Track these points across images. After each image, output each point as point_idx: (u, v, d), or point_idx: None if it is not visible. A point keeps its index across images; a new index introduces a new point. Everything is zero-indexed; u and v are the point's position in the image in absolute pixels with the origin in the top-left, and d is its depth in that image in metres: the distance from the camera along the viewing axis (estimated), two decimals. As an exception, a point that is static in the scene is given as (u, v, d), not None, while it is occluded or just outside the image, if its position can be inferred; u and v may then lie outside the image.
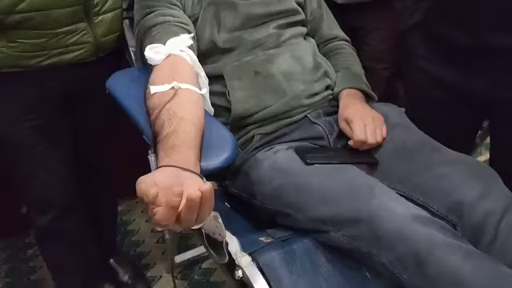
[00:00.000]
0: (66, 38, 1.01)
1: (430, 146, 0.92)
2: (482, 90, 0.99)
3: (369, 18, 1.31)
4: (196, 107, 0.82)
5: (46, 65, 1.01)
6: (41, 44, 0.99)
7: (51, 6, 0.96)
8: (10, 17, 0.93)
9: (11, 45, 0.97)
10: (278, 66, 1.00)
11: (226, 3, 1.03)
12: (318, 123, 0.99)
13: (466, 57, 0.97)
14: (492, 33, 0.92)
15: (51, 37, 0.99)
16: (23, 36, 0.97)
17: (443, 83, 1.04)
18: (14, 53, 0.98)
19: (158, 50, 0.89)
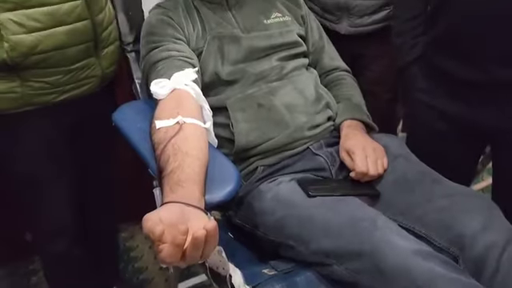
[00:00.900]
0: (79, 74, 1.05)
1: (430, 177, 0.94)
2: (486, 122, 1.01)
3: (370, 46, 1.34)
4: (200, 141, 0.84)
5: (60, 100, 1.04)
6: (56, 81, 1.02)
7: (68, 43, 1.00)
8: (28, 58, 0.96)
9: (26, 84, 0.99)
10: (280, 98, 1.02)
11: (230, 37, 1.06)
12: (320, 155, 1.00)
13: (469, 89, 0.99)
14: (494, 66, 0.94)
15: (65, 73, 1.03)
16: (39, 75, 1.00)
17: (445, 116, 1.06)
18: (30, 91, 1.00)
19: (162, 84, 0.92)
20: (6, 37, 0.92)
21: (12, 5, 0.92)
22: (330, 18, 1.27)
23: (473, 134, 1.06)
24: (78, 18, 1.00)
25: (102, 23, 1.07)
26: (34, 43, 0.95)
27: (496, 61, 0.93)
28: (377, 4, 1.26)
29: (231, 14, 1.10)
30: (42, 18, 0.95)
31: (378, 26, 1.29)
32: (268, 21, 1.12)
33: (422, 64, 1.09)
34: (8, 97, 0.99)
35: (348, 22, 1.29)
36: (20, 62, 0.96)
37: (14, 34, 0.93)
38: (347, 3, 1.26)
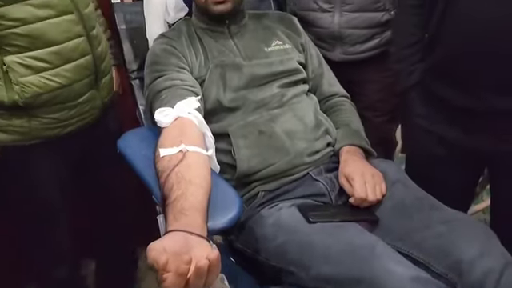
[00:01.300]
0: (83, 107, 1.08)
1: (428, 203, 0.95)
2: (483, 147, 1.03)
3: (362, 72, 1.38)
4: (203, 169, 0.86)
5: (65, 133, 1.07)
6: (62, 116, 1.05)
7: (74, 80, 1.04)
8: (38, 98, 1.00)
9: (35, 120, 1.03)
10: (281, 125, 1.05)
11: (232, 65, 1.10)
12: (320, 180, 1.02)
13: (466, 116, 1.02)
14: (490, 95, 0.96)
15: (71, 108, 1.06)
16: (47, 112, 1.03)
17: (444, 141, 1.08)
18: (38, 126, 1.03)
19: (166, 113, 0.95)
20: (15, 79, 0.96)
21: (18, 48, 0.95)
22: (323, 45, 1.31)
23: (471, 158, 1.08)
24: (82, 53, 1.04)
25: (100, 56, 1.10)
26: (42, 83, 0.99)
27: (491, 89, 0.96)
28: (368, 33, 1.31)
29: (233, 42, 1.14)
30: (48, 58, 0.99)
31: (369, 54, 1.34)
32: (269, 48, 1.16)
33: (420, 90, 1.12)
34: (17, 131, 1.02)
35: (341, 49, 1.34)
36: (31, 103, 0.99)
37: (22, 77, 0.96)
38: (340, 32, 1.31)
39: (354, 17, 1.29)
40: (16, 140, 1.03)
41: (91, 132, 1.12)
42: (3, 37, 0.94)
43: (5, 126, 1.02)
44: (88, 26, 1.05)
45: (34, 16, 0.95)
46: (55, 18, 0.98)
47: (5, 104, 0.98)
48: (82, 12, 1.03)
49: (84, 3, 1.05)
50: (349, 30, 1.31)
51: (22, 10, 0.94)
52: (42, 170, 1.08)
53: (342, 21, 1.30)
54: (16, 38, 0.95)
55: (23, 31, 0.95)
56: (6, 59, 0.96)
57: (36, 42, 0.97)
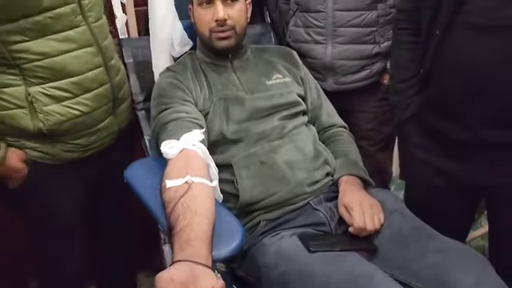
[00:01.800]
0: (102, 132, 1.14)
1: (425, 233, 0.98)
2: (479, 178, 1.05)
3: (354, 101, 1.44)
4: (208, 200, 0.89)
5: (85, 157, 1.13)
6: (84, 142, 1.11)
7: (94, 107, 1.09)
8: (62, 125, 1.05)
9: (59, 146, 1.09)
10: (281, 156, 1.09)
11: (235, 98, 1.15)
12: (320, 210, 1.06)
13: (462, 148, 1.04)
14: (483, 128, 0.99)
15: (92, 134, 1.12)
16: (70, 138, 1.09)
17: (442, 172, 1.10)
18: (61, 152, 1.09)
19: (172, 145, 0.98)
20: (39, 108, 1.02)
21: (41, 79, 1.01)
22: (316, 75, 1.37)
23: (469, 189, 1.10)
24: (100, 83, 1.10)
25: (118, 84, 1.17)
26: (65, 111, 1.04)
27: (484, 123, 0.99)
28: (359, 64, 1.38)
29: (236, 76, 1.19)
30: (70, 88, 1.04)
31: (360, 84, 1.40)
32: (270, 82, 1.21)
33: (417, 122, 1.15)
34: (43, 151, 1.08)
35: (333, 79, 1.40)
36: (55, 130, 1.04)
37: (45, 106, 1.02)
38: (332, 63, 1.37)
39: (345, 48, 1.36)
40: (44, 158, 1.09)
41: (107, 155, 1.18)
42: (28, 69, 1.00)
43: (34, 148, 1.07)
44: (106, 56, 1.12)
45: (57, 50, 1.02)
46: (76, 50, 1.05)
47: (30, 132, 1.04)
48: (100, 44, 1.10)
49: (103, 36, 1.12)
50: (340, 61, 1.37)
51: (46, 45, 1.00)
52: (62, 188, 1.13)
53: (334, 52, 1.36)
54: (40, 70, 1.01)
55: (46, 64, 1.01)
56: (30, 90, 1.01)
57: (58, 74, 1.03)
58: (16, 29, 0.97)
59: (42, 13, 0.98)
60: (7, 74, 1.01)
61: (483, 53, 0.94)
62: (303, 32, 1.40)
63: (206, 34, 1.16)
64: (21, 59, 0.99)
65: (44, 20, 0.99)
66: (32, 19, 0.97)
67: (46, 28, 1.00)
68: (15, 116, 1.03)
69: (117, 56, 1.20)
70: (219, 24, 1.14)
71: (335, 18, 1.33)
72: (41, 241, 1.20)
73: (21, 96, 1.02)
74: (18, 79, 1.01)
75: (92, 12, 1.08)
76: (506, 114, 0.96)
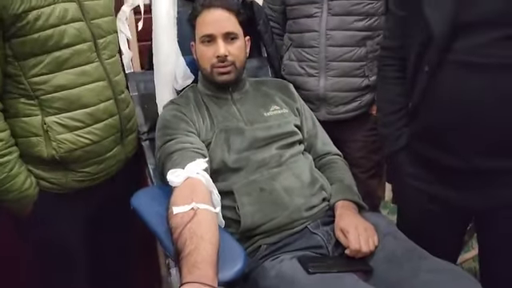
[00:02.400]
0: (110, 161, 1.20)
1: (417, 254, 1.04)
2: (471, 203, 1.10)
3: (345, 130, 1.52)
4: (212, 226, 0.95)
5: (92, 186, 1.18)
6: (93, 170, 1.17)
7: (103, 137, 1.16)
8: (72, 153, 1.11)
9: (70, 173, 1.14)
10: (280, 182, 1.15)
11: (235, 129, 1.22)
12: (318, 233, 1.11)
13: (453, 175, 1.09)
14: (475, 156, 1.04)
15: (101, 162, 1.18)
16: (80, 166, 1.15)
17: (435, 199, 1.14)
18: (72, 179, 1.15)
19: (177, 174, 1.05)
20: (53, 137, 1.08)
21: (57, 110, 1.08)
22: (310, 106, 1.44)
23: (461, 213, 1.15)
24: (110, 114, 1.17)
25: (127, 116, 1.24)
26: (76, 140, 1.11)
27: (475, 152, 1.03)
28: (350, 96, 1.47)
29: (236, 108, 1.27)
30: (82, 118, 1.11)
31: (351, 114, 1.49)
32: (268, 113, 1.28)
33: (408, 151, 1.19)
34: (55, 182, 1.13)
35: (326, 110, 1.48)
36: (66, 157, 1.10)
37: (59, 134, 1.09)
38: (325, 95, 1.46)
39: (337, 81, 1.45)
40: (54, 189, 1.14)
41: (114, 184, 1.23)
42: (46, 100, 1.08)
43: (46, 178, 1.13)
44: (117, 90, 1.19)
45: (73, 82, 1.09)
46: (90, 84, 1.13)
47: (45, 158, 1.10)
48: (112, 79, 1.18)
49: (115, 72, 1.20)
50: (332, 93, 1.46)
51: (63, 78, 1.08)
52: (68, 218, 1.18)
53: (327, 84, 1.45)
54: (56, 101, 1.08)
55: (63, 95, 1.09)
56: (46, 119, 1.08)
57: (73, 105, 1.10)
58: (37, 63, 1.05)
59: (61, 49, 1.07)
60: (27, 104, 1.08)
61: (473, 89, 0.99)
62: (297, 66, 1.49)
63: (208, 69, 1.25)
64: (40, 91, 1.07)
65: (63, 55, 1.07)
66: (52, 55, 1.06)
67: (65, 63, 1.08)
68: (32, 143, 1.09)
69: (127, 90, 1.27)
70: (220, 60, 1.22)
71: (328, 53, 1.42)
72: (45, 270, 1.24)
73: (37, 125, 1.09)
74: (36, 109, 1.08)
75: (106, 50, 1.16)
76: (497, 144, 1.01)
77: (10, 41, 1.03)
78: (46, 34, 1.04)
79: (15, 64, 1.05)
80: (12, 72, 1.05)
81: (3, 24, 1.00)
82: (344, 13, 1.38)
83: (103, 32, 1.16)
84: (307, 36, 1.44)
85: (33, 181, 1.11)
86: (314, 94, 1.47)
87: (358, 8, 1.38)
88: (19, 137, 1.09)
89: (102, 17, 1.15)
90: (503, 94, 0.95)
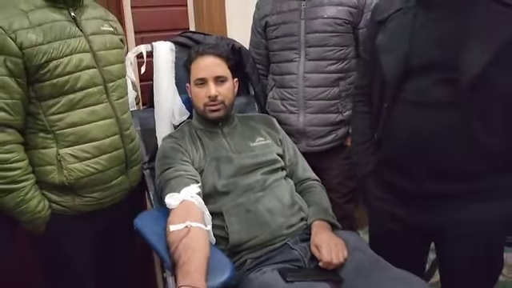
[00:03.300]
0: (115, 189, 1.36)
1: (382, 266, 1.20)
2: (427, 223, 1.24)
3: (323, 160, 1.70)
4: (204, 241, 1.12)
5: (98, 209, 1.34)
6: (99, 195, 1.33)
7: (108, 167, 1.33)
8: (80, 180, 1.28)
9: (78, 198, 1.30)
10: (263, 204, 1.32)
11: (225, 158, 1.40)
12: (296, 249, 1.28)
13: (412, 198, 1.24)
14: (427, 181, 1.20)
15: (106, 189, 1.34)
16: (88, 192, 1.31)
17: (396, 219, 1.30)
18: (80, 203, 1.31)
19: (174, 197, 1.22)
20: (65, 166, 1.25)
21: (70, 143, 1.26)
22: (292, 139, 1.62)
23: (419, 233, 1.30)
24: (116, 147, 1.34)
25: (132, 150, 1.41)
26: (84, 169, 1.28)
27: (426, 177, 1.20)
28: (326, 130, 1.65)
29: (225, 140, 1.45)
30: (91, 150, 1.29)
31: (328, 146, 1.67)
32: (253, 144, 1.47)
33: (375, 176, 1.37)
34: (65, 205, 1.29)
35: (305, 142, 1.67)
36: (75, 184, 1.27)
37: (70, 164, 1.26)
38: (304, 129, 1.65)
39: (314, 117, 1.64)
40: (64, 211, 1.30)
41: (118, 209, 1.39)
42: (60, 135, 1.25)
43: (57, 201, 1.29)
44: (123, 127, 1.36)
45: (84, 120, 1.27)
46: (98, 121, 1.30)
47: (56, 184, 1.26)
48: (119, 117, 1.35)
49: (122, 111, 1.37)
50: (311, 128, 1.65)
51: (76, 116, 1.26)
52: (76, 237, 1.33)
53: (306, 120, 1.64)
54: (69, 136, 1.25)
55: (75, 131, 1.26)
56: (60, 151, 1.25)
57: (83, 139, 1.27)
58: (55, 103, 1.23)
59: (75, 92, 1.25)
60: (44, 138, 1.25)
61: (420, 124, 1.17)
62: (279, 104, 1.69)
63: (201, 107, 1.44)
64: (56, 126, 1.24)
65: (76, 97, 1.25)
66: (67, 97, 1.24)
67: (78, 103, 1.26)
68: (46, 171, 1.26)
69: (133, 127, 1.46)
70: (211, 99, 1.41)
71: (306, 93, 1.62)
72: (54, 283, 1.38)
73: (52, 156, 1.25)
74: (51, 142, 1.25)
75: (115, 92, 1.34)
76: (442, 169, 1.17)
77: (34, 85, 1.21)
78: (63, 80, 1.22)
79: (36, 104, 1.23)
80: (33, 111, 1.23)
81: (28, 72, 1.19)
82: (319, 58, 1.59)
83: (113, 77, 1.34)
84: (287, 78, 1.65)
85: (45, 204, 1.27)
86: (295, 129, 1.66)
87: (331, 54, 1.58)
88: (36, 166, 1.26)
89: (112, 64, 1.34)
90: (444, 128, 1.14)
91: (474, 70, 1.06)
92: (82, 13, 1.30)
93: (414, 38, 1.17)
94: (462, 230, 1.20)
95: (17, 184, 1.20)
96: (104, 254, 1.43)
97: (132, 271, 1.57)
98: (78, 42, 1.25)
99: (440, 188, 1.19)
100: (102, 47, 1.31)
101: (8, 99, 1.17)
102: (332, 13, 1.55)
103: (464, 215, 1.18)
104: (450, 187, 1.18)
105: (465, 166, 1.14)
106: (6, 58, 1.15)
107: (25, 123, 1.23)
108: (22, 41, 1.16)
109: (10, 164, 1.19)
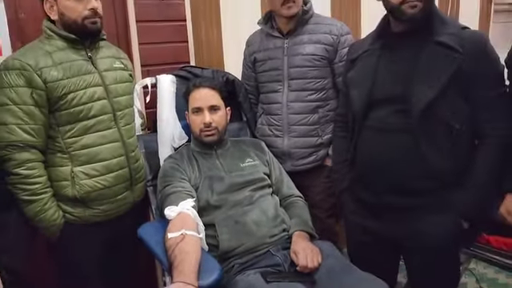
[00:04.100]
0: (120, 202, 1.57)
1: (350, 269, 1.39)
2: (394, 233, 1.42)
3: (306, 179, 1.88)
4: (196, 246, 1.32)
5: (105, 220, 1.55)
6: (106, 208, 1.54)
7: (114, 184, 1.53)
8: (90, 194, 1.48)
9: (87, 209, 1.50)
10: (250, 217, 1.52)
11: (217, 177, 1.60)
12: (277, 255, 1.47)
13: (377, 211, 1.44)
14: (387, 196, 1.39)
15: (112, 203, 1.55)
16: (96, 204, 1.51)
17: (368, 231, 1.49)
18: (88, 214, 1.51)
19: (172, 209, 1.43)
20: (77, 182, 1.47)
21: (82, 162, 1.48)
22: (278, 160, 1.80)
23: (388, 243, 1.47)
24: (121, 167, 1.56)
25: (136, 169, 1.62)
26: (93, 185, 1.49)
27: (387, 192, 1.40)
28: (308, 151, 1.85)
29: (218, 161, 1.66)
30: (100, 169, 1.50)
31: (310, 166, 1.87)
32: (243, 164, 1.67)
33: (350, 192, 1.57)
34: (77, 215, 1.50)
35: (290, 163, 1.86)
36: (85, 197, 1.48)
37: (81, 180, 1.47)
38: (288, 151, 1.85)
39: (297, 140, 1.84)
40: (76, 221, 1.50)
41: (123, 220, 1.60)
42: (75, 155, 1.47)
43: (70, 212, 1.50)
44: (128, 149, 1.58)
45: (95, 143, 1.49)
46: (107, 144, 1.52)
47: (70, 197, 1.47)
48: (125, 141, 1.57)
49: (128, 135, 1.58)
50: (294, 150, 1.85)
51: (88, 139, 1.48)
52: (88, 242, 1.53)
53: (290, 143, 1.85)
54: (82, 156, 1.47)
55: (87, 152, 1.48)
56: (74, 169, 1.47)
57: (93, 159, 1.49)
58: (71, 129, 1.46)
59: (88, 119, 1.48)
60: (61, 157, 1.47)
61: (380, 146, 1.39)
62: (267, 129, 1.90)
63: (197, 132, 1.66)
64: (71, 148, 1.46)
65: (89, 124, 1.48)
66: (81, 123, 1.47)
67: (90, 129, 1.48)
68: (62, 186, 1.47)
69: (138, 149, 1.67)
70: (206, 126, 1.63)
71: (289, 119, 1.83)
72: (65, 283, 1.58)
73: (67, 173, 1.47)
74: (67, 161, 1.47)
75: (122, 119, 1.57)
76: (399, 186, 1.37)
77: (54, 113, 1.44)
78: (79, 109, 1.45)
79: (56, 129, 1.46)
80: (53, 135, 1.46)
81: (50, 102, 1.42)
82: (300, 89, 1.81)
83: (121, 106, 1.57)
84: (273, 106, 1.86)
85: (60, 214, 1.47)
86: (280, 151, 1.86)
87: (310, 85, 1.80)
88: (53, 181, 1.47)
89: (121, 96, 1.57)
90: (400, 150, 1.34)
91: (422, 103, 1.28)
92: (98, 52, 1.54)
93: (377, 76, 1.39)
94: (418, 240, 1.38)
95: (37, 196, 1.42)
96: (110, 259, 1.63)
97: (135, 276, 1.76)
98: (92, 78, 1.49)
99: (399, 202, 1.39)
100: (112, 81, 1.55)
101: (33, 125, 1.40)
102: (310, 50, 1.78)
103: (419, 226, 1.37)
104: (407, 201, 1.37)
105: (417, 183, 1.34)
106: (33, 91, 1.39)
107: (46, 145, 1.46)
108: (46, 77, 1.40)
109: (32, 179, 1.41)
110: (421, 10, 1.29)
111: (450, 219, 1.34)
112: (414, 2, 1.28)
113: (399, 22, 1.35)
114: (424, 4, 1.28)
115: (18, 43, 1.77)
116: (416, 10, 1.29)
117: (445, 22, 1.32)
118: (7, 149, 1.39)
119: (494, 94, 1.29)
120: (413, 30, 1.33)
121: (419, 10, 1.29)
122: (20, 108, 1.38)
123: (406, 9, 1.29)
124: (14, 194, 1.42)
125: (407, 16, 1.30)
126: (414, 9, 1.28)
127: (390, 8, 1.34)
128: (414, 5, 1.28)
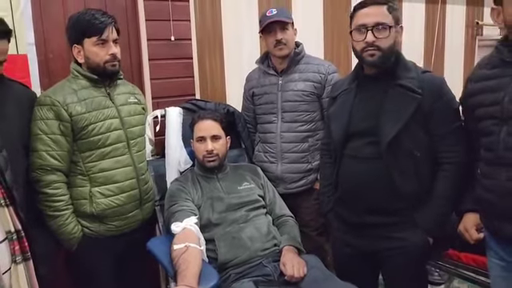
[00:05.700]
0: (130, 219, 1.78)
1: (332, 279, 1.60)
2: (369, 250, 1.61)
3: (297, 200, 2.08)
4: (198, 256, 1.53)
5: (117, 235, 1.76)
6: (118, 224, 1.75)
7: (126, 203, 1.75)
8: (104, 211, 1.70)
9: (102, 225, 1.72)
10: (245, 233, 1.73)
11: (217, 198, 1.82)
12: (268, 267, 1.67)
13: (357, 229, 1.63)
14: (363, 214, 1.59)
15: (124, 219, 1.76)
16: (109, 220, 1.72)
17: (348, 245, 1.68)
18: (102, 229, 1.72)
19: (178, 225, 1.65)
20: (94, 200, 1.69)
21: (99, 183, 1.71)
22: (272, 183, 2.02)
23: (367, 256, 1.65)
24: (132, 188, 1.78)
25: (145, 190, 1.84)
26: (108, 203, 1.71)
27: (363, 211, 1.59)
28: (299, 176, 2.07)
29: (219, 184, 1.88)
30: (114, 190, 1.72)
31: (301, 189, 2.08)
32: (240, 187, 1.89)
33: (334, 212, 1.76)
34: (93, 230, 1.71)
35: (283, 186, 2.08)
36: (100, 214, 1.71)
37: (98, 199, 1.70)
38: (282, 175, 2.08)
39: (289, 166, 2.07)
40: (92, 234, 1.71)
41: (133, 235, 1.80)
42: (93, 177, 1.69)
43: (88, 227, 1.71)
44: (139, 173, 1.80)
45: (111, 167, 1.71)
46: (121, 168, 1.74)
47: (88, 214, 1.69)
48: (137, 166, 1.79)
49: (139, 161, 1.81)
50: (286, 174, 2.07)
51: (104, 164, 1.70)
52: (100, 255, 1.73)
53: (282, 169, 2.07)
54: (99, 178, 1.69)
55: (103, 175, 1.70)
56: (92, 189, 1.69)
57: (109, 181, 1.71)
58: (90, 155, 1.68)
59: (105, 147, 1.70)
60: (81, 179, 1.69)
61: (356, 173, 1.59)
62: (263, 155, 2.13)
63: (201, 158, 1.89)
64: (90, 171, 1.69)
65: (106, 151, 1.70)
66: (99, 150, 1.69)
67: (106, 155, 1.71)
68: (81, 204, 1.69)
69: (148, 173, 1.90)
70: (208, 153, 1.86)
71: (282, 147, 2.06)
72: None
73: (86, 192, 1.69)
74: (86, 183, 1.69)
75: (135, 147, 1.79)
76: (374, 206, 1.57)
77: (77, 141, 1.68)
78: (97, 138, 1.68)
79: (78, 155, 1.69)
80: (75, 160, 1.69)
81: (74, 132, 1.66)
82: (292, 120, 2.04)
83: (134, 135, 1.80)
84: (268, 136, 2.10)
85: (79, 228, 1.68)
86: (274, 175, 2.09)
87: (301, 117, 2.04)
88: (74, 199, 1.69)
89: (134, 126, 1.80)
90: (372, 176, 1.56)
91: (389, 136, 1.50)
92: (115, 89, 1.79)
93: (352, 112, 1.62)
94: (390, 254, 1.58)
95: (60, 212, 1.64)
96: (121, 268, 1.83)
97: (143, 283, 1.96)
98: (110, 111, 1.73)
99: (375, 220, 1.59)
100: (127, 114, 1.79)
101: (59, 151, 1.64)
102: (301, 87, 2.03)
103: (393, 242, 1.57)
104: (382, 220, 1.58)
105: (389, 204, 1.55)
106: (60, 123, 1.63)
107: (69, 168, 1.68)
108: (72, 111, 1.64)
109: (57, 197, 1.64)
110: (379, 58, 1.51)
111: (418, 236, 1.55)
112: (372, 51, 1.51)
113: (366, 66, 1.59)
114: (383, 53, 1.51)
115: (45, 79, 2.04)
116: (375, 58, 1.52)
117: (408, 68, 1.56)
118: (37, 171, 1.62)
119: (450, 128, 1.52)
120: (381, 74, 1.57)
121: (377, 58, 1.51)
122: (49, 137, 1.62)
123: (366, 56, 1.53)
124: (41, 211, 1.64)
125: (368, 62, 1.54)
126: (372, 57, 1.52)
127: (356, 55, 1.58)
128: (371, 53, 1.51)
